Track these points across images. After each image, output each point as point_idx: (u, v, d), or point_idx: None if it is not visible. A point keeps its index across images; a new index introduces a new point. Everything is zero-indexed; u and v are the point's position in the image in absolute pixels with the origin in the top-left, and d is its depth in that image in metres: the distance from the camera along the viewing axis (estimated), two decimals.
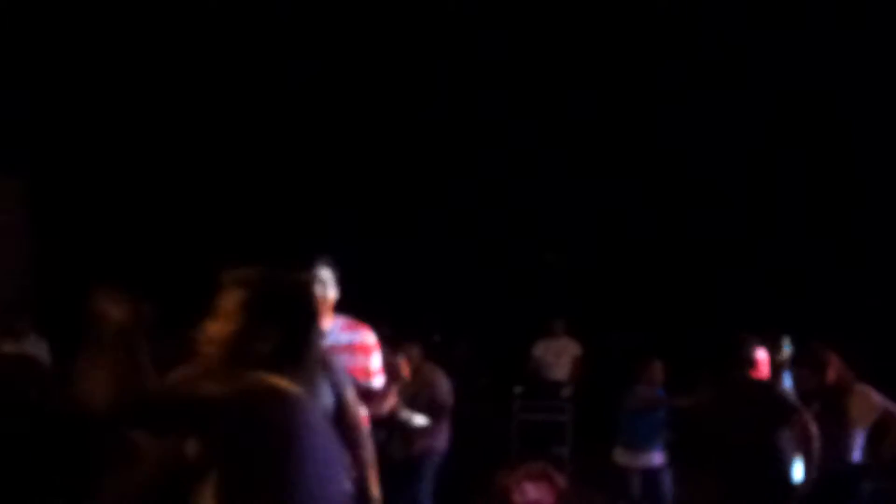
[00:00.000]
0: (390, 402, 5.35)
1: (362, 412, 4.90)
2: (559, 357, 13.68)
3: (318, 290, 4.97)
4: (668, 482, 9.36)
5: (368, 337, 5.25)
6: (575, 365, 13.58)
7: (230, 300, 2.87)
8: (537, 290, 15.62)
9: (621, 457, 9.66)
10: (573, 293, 15.27)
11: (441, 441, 8.91)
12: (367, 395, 5.09)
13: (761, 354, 7.10)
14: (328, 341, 4.96)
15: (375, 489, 4.69)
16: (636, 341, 12.49)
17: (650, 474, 9.47)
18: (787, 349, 7.26)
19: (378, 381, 5.23)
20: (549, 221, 15.84)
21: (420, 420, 8.63)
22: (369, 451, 4.73)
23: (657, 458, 9.47)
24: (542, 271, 16.06)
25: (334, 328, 5.13)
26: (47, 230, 13.46)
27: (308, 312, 2.98)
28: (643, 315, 14.42)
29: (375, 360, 5.25)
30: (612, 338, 14.41)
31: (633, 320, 14.49)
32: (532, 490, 9.76)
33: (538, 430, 12.51)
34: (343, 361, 4.92)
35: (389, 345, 6.32)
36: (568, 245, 16.02)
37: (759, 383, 6.94)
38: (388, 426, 7.96)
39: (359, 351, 5.18)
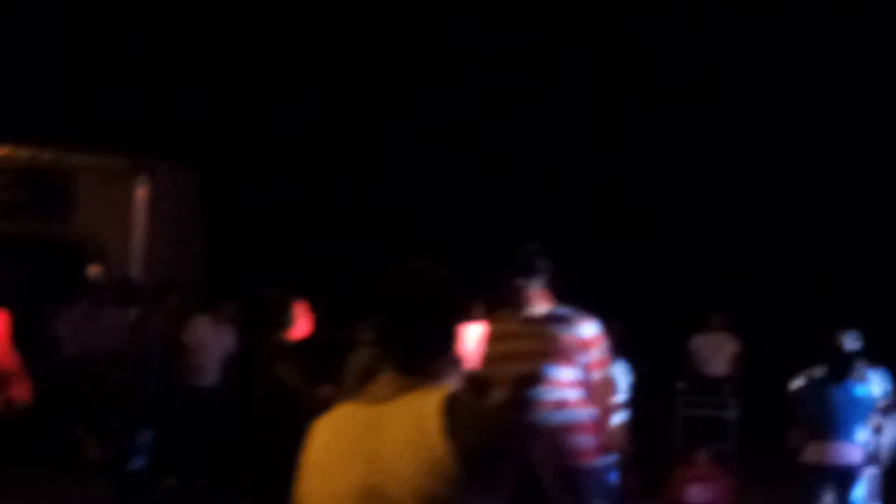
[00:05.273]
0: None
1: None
2: (717, 352, 13.49)
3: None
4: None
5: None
6: (735, 361, 13.38)
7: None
8: (693, 281, 15.45)
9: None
10: (732, 286, 15.07)
11: None
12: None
13: None
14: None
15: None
16: (797, 335, 12.27)
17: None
18: None
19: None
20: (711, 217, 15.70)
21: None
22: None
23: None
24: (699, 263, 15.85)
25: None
26: (221, 220, 14.03)
27: None
28: (803, 309, 14.15)
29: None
30: (772, 332, 14.16)
31: (792, 314, 14.24)
32: (701, 490, 9.71)
33: (702, 426, 12.40)
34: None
35: None
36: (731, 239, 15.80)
37: None
38: None
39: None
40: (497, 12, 15.02)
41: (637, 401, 10.99)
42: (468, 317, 2.42)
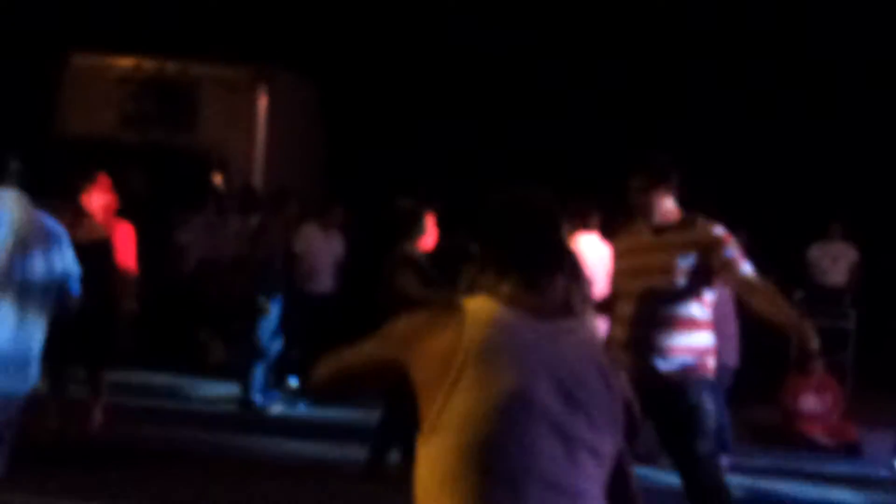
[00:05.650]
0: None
1: None
2: (836, 262, 13.29)
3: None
4: None
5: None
6: (854, 271, 13.18)
7: None
8: (811, 190, 15.16)
9: None
10: (851, 194, 14.76)
11: None
12: None
13: None
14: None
15: None
16: None
17: None
18: None
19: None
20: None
21: None
22: None
23: None
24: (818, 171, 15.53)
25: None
26: (339, 129, 14.21)
27: None
28: None
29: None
30: (892, 242, 13.84)
31: None
32: (814, 399, 9.68)
33: (820, 336, 12.25)
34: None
35: None
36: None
37: None
38: None
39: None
40: None
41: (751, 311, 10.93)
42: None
